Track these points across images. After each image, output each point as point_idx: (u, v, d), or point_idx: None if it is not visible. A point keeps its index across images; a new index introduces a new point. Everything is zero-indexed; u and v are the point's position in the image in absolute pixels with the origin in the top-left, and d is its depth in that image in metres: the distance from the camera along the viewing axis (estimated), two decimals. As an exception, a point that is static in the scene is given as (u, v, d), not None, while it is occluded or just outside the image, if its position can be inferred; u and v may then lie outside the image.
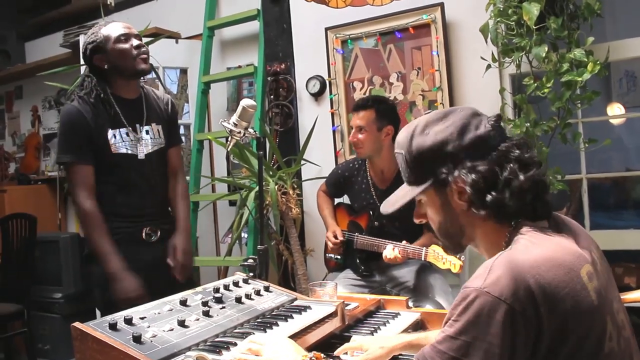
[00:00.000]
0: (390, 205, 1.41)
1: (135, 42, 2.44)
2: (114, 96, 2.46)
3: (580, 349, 1.09)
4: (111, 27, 2.46)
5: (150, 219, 2.54)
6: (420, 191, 1.31)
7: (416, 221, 1.42)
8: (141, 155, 2.49)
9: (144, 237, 2.50)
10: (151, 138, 2.54)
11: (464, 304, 1.09)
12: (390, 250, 2.78)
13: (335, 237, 3.07)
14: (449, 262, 2.60)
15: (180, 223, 2.62)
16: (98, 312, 4.20)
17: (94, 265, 2.44)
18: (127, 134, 2.46)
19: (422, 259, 2.70)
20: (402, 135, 1.33)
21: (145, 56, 2.46)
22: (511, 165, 1.21)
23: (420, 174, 1.30)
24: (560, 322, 1.07)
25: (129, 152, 2.46)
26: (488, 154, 1.22)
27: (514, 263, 1.10)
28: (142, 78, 2.60)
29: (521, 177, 1.20)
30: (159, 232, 2.54)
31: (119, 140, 2.44)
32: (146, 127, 2.53)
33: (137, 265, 2.43)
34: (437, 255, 2.64)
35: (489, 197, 1.21)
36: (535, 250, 1.14)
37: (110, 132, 2.43)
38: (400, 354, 1.63)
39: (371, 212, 3.03)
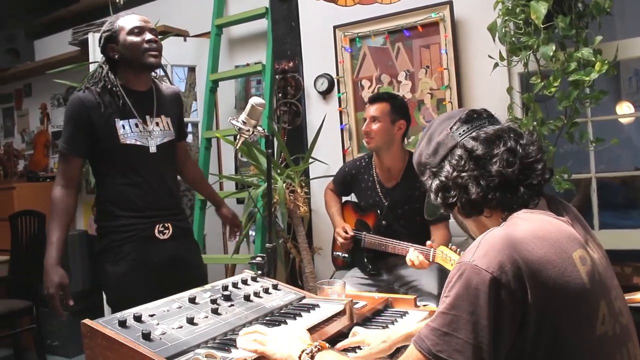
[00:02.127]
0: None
1: (148, 36, 2.42)
2: (123, 87, 2.45)
3: (568, 329, 1.10)
4: (127, 19, 2.45)
5: (163, 215, 2.50)
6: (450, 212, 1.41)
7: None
8: (153, 148, 2.46)
9: (156, 234, 2.47)
10: (161, 130, 2.51)
11: (454, 280, 1.13)
12: (415, 256, 2.70)
13: (346, 231, 3.07)
14: None
15: (217, 198, 2.99)
16: (106, 309, 4.23)
17: (104, 263, 2.45)
18: (137, 125, 2.43)
19: (431, 260, 2.68)
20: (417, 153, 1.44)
21: (154, 52, 2.43)
22: (463, 173, 1.27)
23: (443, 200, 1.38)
24: (546, 299, 1.08)
25: (139, 143, 2.43)
26: (445, 158, 1.32)
27: (503, 238, 1.13)
28: (153, 72, 2.60)
29: (473, 189, 1.26)
30: (171, 229, 2.51)
31: (128, 130, 2.41)
32: (156, 119, 2.50)
33: (149, 263, 2.43)
34: (445, 256, 2.61)
35: (450, 200, 1.31)
36: (526, 226, 1.17)
37: (119, 122, 2.40)
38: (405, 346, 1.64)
39: (379, 211, 3.03)
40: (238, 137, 2.14)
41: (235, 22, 4.36)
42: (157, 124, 2.50)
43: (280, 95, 4.10)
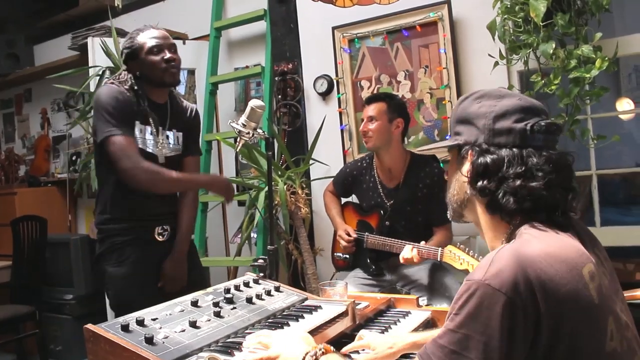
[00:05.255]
0: (426, 148, 1.53)
1: (167, 54, 2.48)
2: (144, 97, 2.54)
3: (580, 347, 1.09)
4: (146, 36, 2.49)
5: (162, 218, 2.58)
6: (446, 145, 1.37)
7: (445, 176, 1.44)
8: (161, 159, 2.53)
9: (155, 236, 2.54)
10: (170, 143, 2.58)
11: (464, 297, 1.10)
12: (409, 251, 2.73)
13: (348, 234, 3.07)
14: (467, 262, 2.53)
15: (182, 230, 2.62)
16: (109, 313, 4.23)
17: (106, 265, 2.48)
18: (151, 133, 2.51)
19: (438, 259, 2.67)
20: (463, 95, 1.39)
21: (174, 70, 2.50)
22: (520, 167, 1.21)
23: (453, 132, 1.37)
24: (559, 318, 1.07)
25: (150, 150, 2.49)
26: (507, 147, 1.23)
27: (516, 256, 1.10)
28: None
29: (518, 182, 1.21)
30: (169, 231, 2.58)
31: (141, 136, 2.47)
32: (168, 132, 2.58)
33: (150, 265, 2.49)
34: (453, 255, 2.58)
35: (479, 183, 1.25)
36: (538, 244, 1.14)
37: (138, 125, 2.46)
38: (409, 354, 1.63)
39: (382, 212, 3.03)
40: (238, 139, 2.15)
41: (234, 24, 4.36)
42: (168, 137, 2.57)
43: (279, 96, 4.10)
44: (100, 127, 2.37)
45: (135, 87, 2.47)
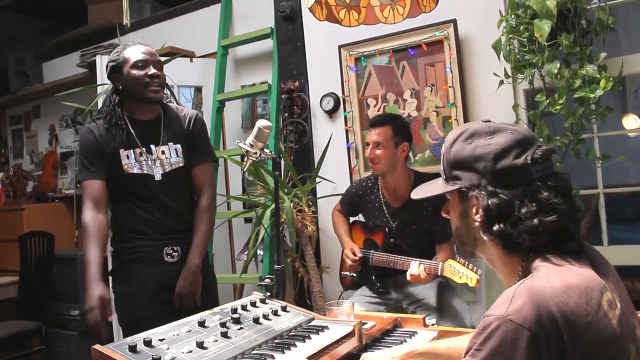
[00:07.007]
0: (420, 193, 1.46)
1: (151, 70, 2.47)
2: (129, 118, 2.53)
3: None
4: (133, 50, 2.50)
5: (172, 238, 2.54)
6: (447, 191, 1.34)
7: (443, 214, 1.44)
8: (158, 176, 2.51)
9: (164, 256, 2.52)
10: (167, 158, 2.54)
11: (486, 332, 1.09)
12: (415, 268, 2.73)
13: (354, 254, 3.08)
14: (466, 276, 2.57)
15: (195, 240, 2.56)
16: (116, 331, 4.23)
17: (116, 283, 2.53)
18: (141, 154, 2.50)
19: (439, 273, 2.68)
20: (450, 135, 1.35)
21: (155, 87, 2.48)
22: (532, 204, 1.21)
23: (450, 176, 1.33)
24: (583, 350, 1.07)
25: (143, 172, 2.50)
26: (514, 186, 1.22)
27: (536, 291, 1.10)
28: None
29: (535, 220, 1.20)
30: (180, 252, 2.55)
31: (131, 160, 2.49)
32: (162, 148, 2.55)
33: (157, 285, 2.49)
34: (453, 269, 2.63)
35: (496, 227, 1.23)
36: (556, 278, 1.14)
37: (123, 152, 2.48)
38: None
39: (387, 230, 3.03)
40: (245, 159, 2.16)
41: (241, 42, 4.40)
42: (163, 152, 2.55)
43: (286, 114, 4.12)
44: (79, 168, 2.54)
45: (115, 118, 2.49)
